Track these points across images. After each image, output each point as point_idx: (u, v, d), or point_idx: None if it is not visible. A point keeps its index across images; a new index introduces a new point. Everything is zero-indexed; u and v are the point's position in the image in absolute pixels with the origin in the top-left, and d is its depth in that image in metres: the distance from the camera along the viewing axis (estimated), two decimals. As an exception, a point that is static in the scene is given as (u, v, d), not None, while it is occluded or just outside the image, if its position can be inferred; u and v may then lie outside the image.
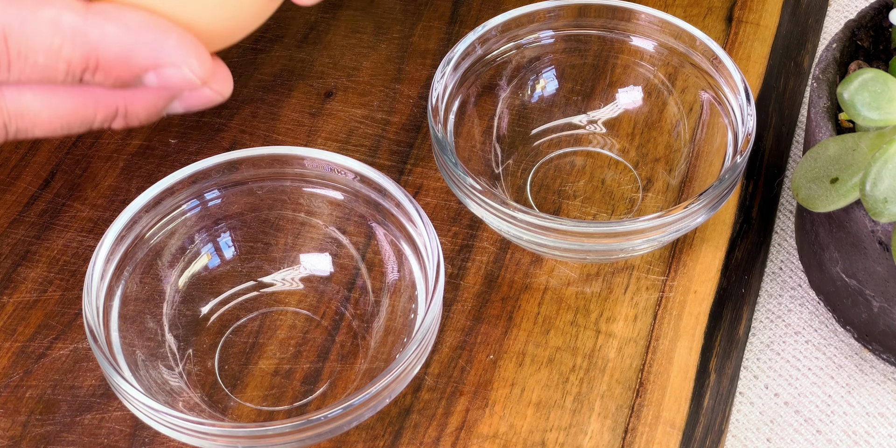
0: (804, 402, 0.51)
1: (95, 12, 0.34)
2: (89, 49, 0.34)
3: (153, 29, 0.34)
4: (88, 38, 0.34)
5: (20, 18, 0.33)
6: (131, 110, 0.37)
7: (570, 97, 0.55)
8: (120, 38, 0.34)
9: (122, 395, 0.43)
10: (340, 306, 0.49)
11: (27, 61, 0.34)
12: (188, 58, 0.35)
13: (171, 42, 0.35)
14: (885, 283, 0.46)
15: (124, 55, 0.34)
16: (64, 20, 0.34)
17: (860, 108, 0.43)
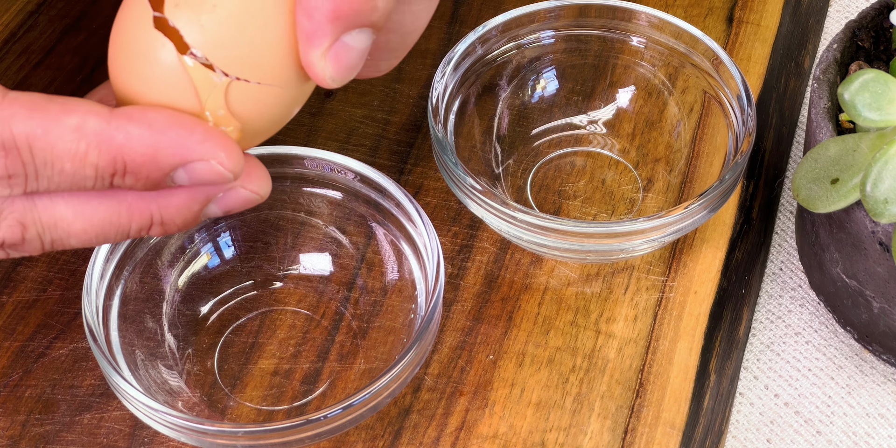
0: (804, 403, 0.51)
1: (119, 115, 0.34)
2: (115, 153, 0.34)
3: (178, 126, 0.34)
4: (113, 141, 0.34)
5: (44, 127, 0.33)
6: (167, 217, 0.36)
7: (570, 97, 0.55)
8: (144, 138, 0.34)
9: (121, 394, 0.43)
10: (340, 306, 0.49)
11: (54, 169, 0.34)
12: (216, 151, 0.35)
13: (196, 137, 0.35)
14: (886, 283, 0.46)
15: (151, 155, 0.34)
16: (88, 126, 0.34)
17: (861, 108, 0.43)
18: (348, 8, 0.35)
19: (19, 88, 0.56)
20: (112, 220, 0.36)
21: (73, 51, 0.58)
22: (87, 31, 0.59)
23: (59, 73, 0.57)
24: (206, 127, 0.35)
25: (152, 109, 0.35)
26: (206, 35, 0.35)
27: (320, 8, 0.35)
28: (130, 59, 0.35)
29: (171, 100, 0.35)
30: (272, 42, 0.36)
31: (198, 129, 0.35)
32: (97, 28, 0.59)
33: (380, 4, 0.36)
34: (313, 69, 0.36)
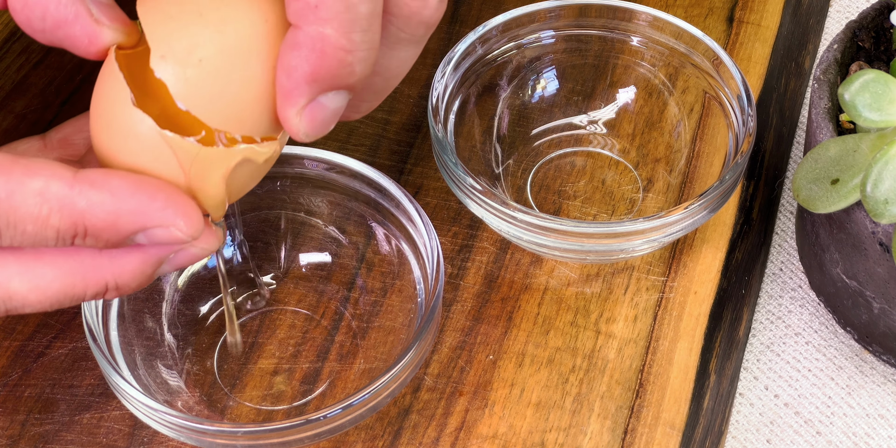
0: (804, 404, 0.51)
1: (82, 180, 0.35)
2: (77, 217, 0.35)
3: (139, 193, 0.35)
4: (75, 206, 0.35)
5: (8, 190, 0.34)
6: (121, 282, 0.37)
7: (570, 97, 0.55)
8: (105, 204, 0.35)
9: (120, 394, 0.43)
10: (340, 306, 0.49)
11: (17, 230, 0.35)
12: (175, 219, 0.36)
13: (157, 205, 0.35)
14: (886, 284, 0.46)
15: (111, 221, 0.35)
16: (51, 190, 0.34)
17: (861, 109, 0.43)
18: (326, 71, 0.36)
19: (19, 88, 0.57)
20: (66, 291, 0.37)
21: (73, 50, 0.58)
22: (86, 30, 0.59)
23: (58, 73, 0.57)
24: (168, 193, 0.36)
25: (116, 175, 0.35)
26: (191, 88, 0.36)
27: (299, 68, 0.36)
28: (112, 134, 0.36)
29: (152, 169, 0.36)
30: (254, 96, 0.37)
31: (160, 196, 0.35)
32: None
33: (357, 69, 0.37)
34: (288, 125, 0.37)
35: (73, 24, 0.36)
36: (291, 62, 0.36)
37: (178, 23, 0.36)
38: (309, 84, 0.36)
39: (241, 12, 0.37)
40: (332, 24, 0.35)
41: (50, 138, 0.40)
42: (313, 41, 0.35)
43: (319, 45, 0.36)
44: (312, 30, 0.35)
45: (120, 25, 0.37)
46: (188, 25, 0.36)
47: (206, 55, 0.36)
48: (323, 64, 0.36)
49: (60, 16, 0.36)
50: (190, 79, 0.36)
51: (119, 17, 0.37)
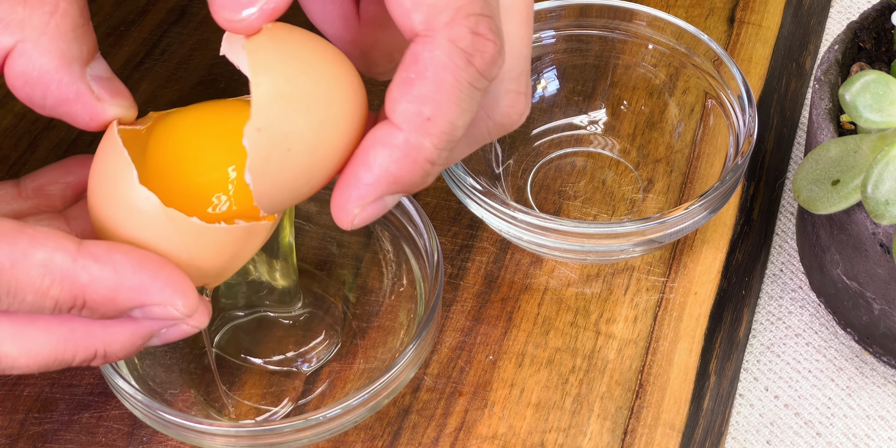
0: (804, 405, 0.51)
1: (86, 253, 0.35)
2: (77, 291, 0.35)
3: (142, 270, 0.36)
4: (77, 280, 0.35)
5: (12, 259, 0.35)
6: (110, 351, 0.38)
7: (571, 97, 0.55)
8: (107, 280, 0.35)
9: (119, 393, 0.42)
10: (341, 305, 0.49)
11: (16, 298, 0.35)
12: (173, 298, 0.36)
13: (157, 284, 0.36)
14: (886, 285, 0.46)
15: (110, 297, 0.35)
16: (55, 262, 0.35)
17: (862, 109, 0.43)
18: (408, 177, 0.36)
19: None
20: (57, 356, 0.37)
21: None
22: (87, 29, 0.59)
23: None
24: (169, 272, 0.36)
25: (119, 250, 0.36)
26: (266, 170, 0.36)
27: (385, 169, 0.36)
28: (113, 208, 0.37)
29: (153, 244, 0.36)
30: (310, 189, 0.37)
31: (161, 275, 0.36)
32: (97, 26, 0.59)
33: (431, 179, 0.37)
34: (344, 214, 0.37)
35: (75, 102, 0.37)
36: (378, 160, 0.36)
37: (287, 107, 0.36)
38: (387, 185, 0.36)
39: (343, 113, 0.37)
40: (434, 139, 0.36)
41: (24, 186, 0.40)
42: (410, 149, 0.36)
43: (414, 154, 0.36)
44: (414, 138, 0.36)
45: (121, 100, 0.38)
46: (294, 115, 0.36)
47: (295, 149, 0.36)
48: (409, 171, 0.36)
49: (62, 95, 0.36)
50: (271, 162, 0.36)
51: (120, 92, 0.38)
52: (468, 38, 0.36)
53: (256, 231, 0.37)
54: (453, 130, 0.36)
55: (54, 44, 0.35)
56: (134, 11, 0.60)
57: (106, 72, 0.37)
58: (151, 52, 0.58)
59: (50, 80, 0.36)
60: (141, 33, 0.59)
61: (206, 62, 0.58)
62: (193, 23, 0.60)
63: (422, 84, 0.35)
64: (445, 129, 0.36)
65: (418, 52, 0.36)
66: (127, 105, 0.38)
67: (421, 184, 0.37)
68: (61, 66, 0.36)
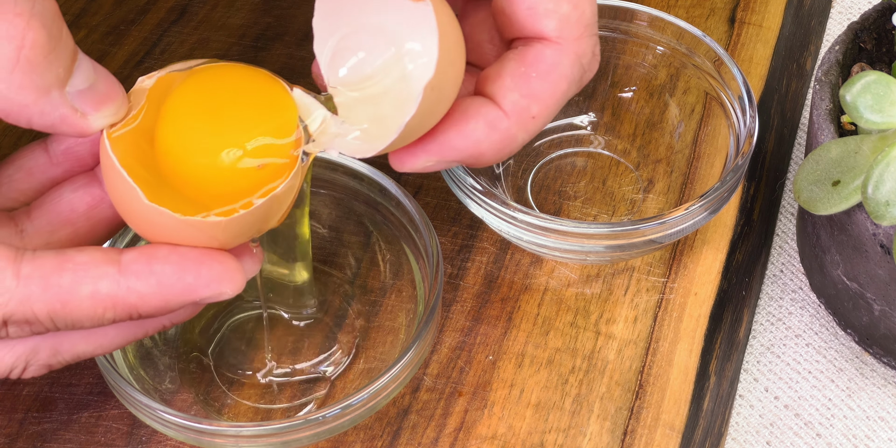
0: (804, 406, 0.51)
1: (128, 274, 0.37)
2: (130, 310, 0.37)
3: (184, 274, 0.37)
4: (127, 301, 0.37)
5: (62, 301, 0.36)
6: (176, 320, 0.40)
7: (571, 97, 0.55)
8: (155, 296, 0.37)
9: (119, 393, 0.42)
10: (341, 304, 0.49)
11: (77, 326, 0.37)
12: (221, 288, 0.37)
13: (202, 282, 0.37)
14: (887, 286, 0.46)
15: (162, 305, 0.37)
16: (101, 292, 0.36)
17: (862, 110, 0.43)
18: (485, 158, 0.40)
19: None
20: (128, 339, 0.40)
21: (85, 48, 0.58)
22: (86, 28, 0.59)
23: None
24: (210, 265, 0.37)
25: (158, 259, 0.37)
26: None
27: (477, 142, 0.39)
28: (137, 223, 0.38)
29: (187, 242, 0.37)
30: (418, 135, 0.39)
31: (203, 272, 0.37)
32: (97, 25, 0.59)
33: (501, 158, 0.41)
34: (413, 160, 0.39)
35: (60, 125, 0.37)
36: (477, 134, 0.39)
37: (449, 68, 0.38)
38: (468, 156, 0.39)
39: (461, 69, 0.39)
40: (527, 134, 0.40)
41: (54, 151, 0.41)
42: (506, 136, 0.39)
43: (508, 141, 0.39)
44: (515, 129, 0.39)
45: (107, 107, 0.38)
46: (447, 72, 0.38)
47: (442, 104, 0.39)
48: (494, 153, 0.39)
49: (45, 122, 0.37)
50: (426, 116, 0.38)
51: (106, 97, 0.38)
52: (588, 57, 0.40)
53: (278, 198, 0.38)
54: (541, 127, 0.40)
55: (27, 78, 0.35)
56: (134, 10, 0.60)
57: (87, 80, 0.37)
58: (151, 52, 0.58)
59: (31, 113, 0.36)
60: (141, 32, 0.59)
61: (207, 61, 0.58)
62: (194, 22, 0.60)
63: (540, 85, 0.39)
64: (539, 128, 0.40)
65: (546, 56, 0.39)
66: (115, 108, 0.38)
67: (489, 161, 0.40)
68: (39, 97, 0.36)
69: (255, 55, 0.58)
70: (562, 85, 0.40)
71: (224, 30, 0.59)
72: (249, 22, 0.60)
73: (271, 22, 0.60)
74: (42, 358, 0.39)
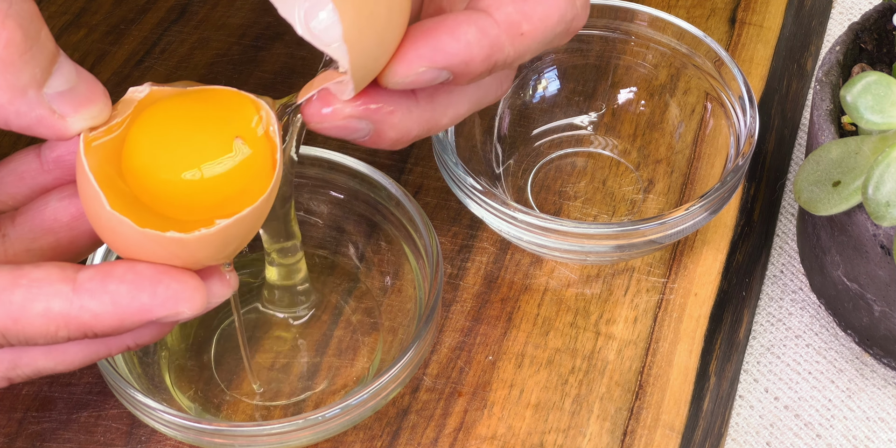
0: (804, 406, 0.51)
1: (81, 292, 0.36)
2: (84, 328, 0.36)
3: (140, 293, 0.36)
4: (80, 320, 0.36)
5: (13, 317, 0.36)
6: (142, 342, 0.39)
7: (571, 98, 0.55)
8: (108, 315, 0.36)
9: (118, 392, 0.42)
10: (340, 301, 0.49)
11: (30, 342, 0.36)
12: (177, 308, 0.36)
13: (157, 301, 0.36)
14: (887, 287, 0.46)
15: (117, 325, 0.36)
16: (54, 310, 0.36)
17: (863, 111, 0.43)
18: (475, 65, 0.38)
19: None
20: (91, 357, 0.39)
21: (73, 47, 0.58)
22: (86, 27, 0.59)
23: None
24: (167, 284, 0.36)
25: (113, 278, 0.36)
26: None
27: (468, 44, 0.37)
28: (101, 230, 0.37)
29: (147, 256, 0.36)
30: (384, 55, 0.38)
31: (159, 291, 0.36)
32: (97, 24, 0.59)
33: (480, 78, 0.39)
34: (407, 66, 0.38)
35: (37, 127, 0.36)
36: (468, 36, 0.37)
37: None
38: (460, 60, 0.37)
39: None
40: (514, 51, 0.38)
41: (45, 157, 0.40)
42: (495, 44, 0.38)
43: (495, 50, 0.38)
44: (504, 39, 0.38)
45: (87, 110, 0.37)
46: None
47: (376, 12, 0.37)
48: (482, 59, 0.38)
49: (23, 123, 0.36)
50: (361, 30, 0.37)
51: (87, 99, 0.37)
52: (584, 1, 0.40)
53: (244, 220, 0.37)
54: (529, 52, 0.39)
55: (2, 78, 0.35)
56: (134, 10, 0.60)
57: (67, 82, 0.36)
58: (151, 51, 0.58)
59: (8, 113, 0.36)
60: (141, 32, 0.59)
61: (207, 61, 0.58)
62: (194, 21, 0.60)
63: (534, 6, 0.39)
64: (524, 50, 0.39)
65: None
66: (95, 111, 0.37)
67: (476, 76, 0.39)
68: (15, 97, 0.35)
69: (255, 55, 0.58)
70: (554, 13, 0.39)
71: (224, 29, 0.59)
72: (249, 21, 0.60)
73: (271, 21, 0.60)
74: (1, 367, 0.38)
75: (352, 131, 0.39)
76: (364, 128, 0.39)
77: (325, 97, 0.38)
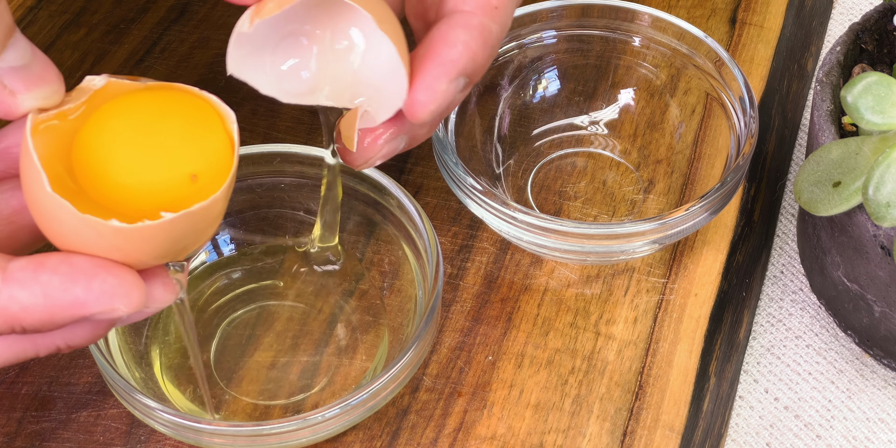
0: (804, 407, 0.51)
1: (11, 281, 0.34)
2: (12, 320, 0.34)
3: (73, 286, 0.34)
4: (8, 311, 0.34)
5: None
6: (73, 344, 0.37)
7: (571, 98, 0.55)
8: (38, 307, 0.34)
9: (117, 392, 0.42)
10: (340, 301, 0.49)
11: None
12: (113, 304, 0.34)
13: (92, 295, 0.34)
14: (887, 288, 0.46)
15: (46, 319, 0.34)
16: None
17: (863, 111, 0.43)
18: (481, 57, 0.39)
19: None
20: (18, 356, 0.37)
21: (73, 46, 0.58)
22: (86, 26, 0.59)
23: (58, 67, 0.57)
24: (103, 279, 0.34)
25: (46, 268, 0.34)
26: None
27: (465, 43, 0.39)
28: (39, 216, 0.36)
29: (85, 247, 0.35)
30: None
31: (94, 285, 0.34)
32: (97, 24, 0.59)
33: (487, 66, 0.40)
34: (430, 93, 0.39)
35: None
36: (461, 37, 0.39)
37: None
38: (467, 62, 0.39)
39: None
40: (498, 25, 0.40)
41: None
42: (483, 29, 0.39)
43: (486, 34, 0.39)
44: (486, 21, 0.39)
45: (40, 89, 0.36)
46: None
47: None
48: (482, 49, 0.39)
49: None
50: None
51: (40, 78, 0.36)
52: None
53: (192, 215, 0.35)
54: (510, 18, 0.40)
55: None
56: (134, 9, 0.60)
57: (22, 58, 0.35)
58: (151, 51, 0.58)
59: None
60: (141, 31, 0.59)
61: (207, 60, 0.58)
62: (194, 21, 0.60)
63: None
64: (506, 19, 0.40)
65: None
66: (48, 92, 0.36)
67: (485, 66, 0.40)
68: None
69: (256, 54, 0.58)
70: None
71: (224, 28, 0.59)
72: (250, 21, 0.59)
73: (272, 21, 0.60)
74: None
75: (394, 150, 0.40)
76: (402, 141, 0.40)
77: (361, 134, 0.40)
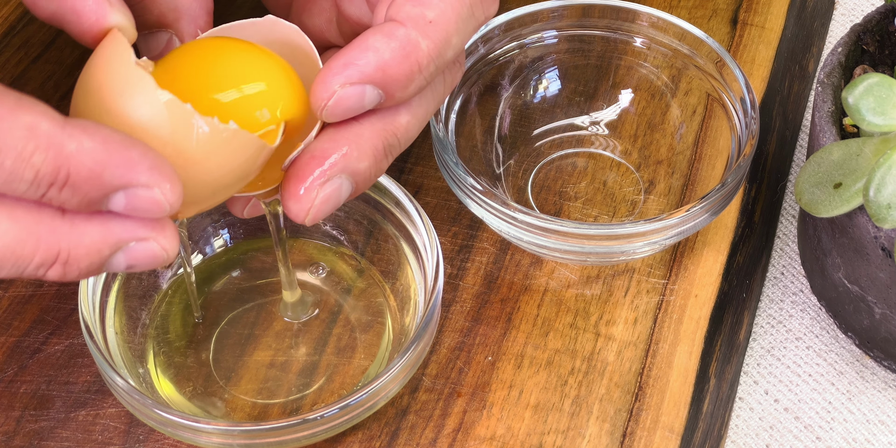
0: (804, 409, 0.51)
1: (74, 124, 0.33)
2: (62, 161, 0.32)
3: (131, 148, 0.33)
4: (63, 148, 0.32)
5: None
6: (73, 256, 0.35)
7: (572, 98, 0.55)
8: (96, 153, 0.33)
9: (116, 391, 0.42)
10: (339, 300, 0.49)
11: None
12: (162, 181, 0.34)
13: (146, 163, 0.33)
14: (888, 289, 0.46)
15: (97, 172, 0.33)
16: (41, 127, 0.32)
17: (865, 112, 0.43)
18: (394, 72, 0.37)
19: (18, 82, 0.56)
20: (15, 247, 0.34)
21: (73, 44, 0.58)
22: (87, 25, 0.59)
23: (58, 67, 0.57)
24: (157, 156, 0.34)
25: (107, 127, 0.33)
26: None
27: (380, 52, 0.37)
28: (105, 97, 0.35)
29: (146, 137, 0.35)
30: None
31: (149, 156, 0.33)
32: (98, 22, 0.59)
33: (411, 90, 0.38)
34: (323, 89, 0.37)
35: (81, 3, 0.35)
36: (377, 44, 0.37)
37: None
38: (375, 72, 0.37)
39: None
40: (430, 43, 0.37)
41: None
42: (408, 42, 0.37)
43: (410, 48, 0.37)
44: (413, 34, 0.37)
45: (126, 10, 0.36)
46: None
47: None
48: (399, 64, 0.37)
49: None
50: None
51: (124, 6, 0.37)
52: None
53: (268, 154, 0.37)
54: (448, 41, 0.38)
55: None
56: (135, 8, 0.60)
57: None
58: (152, 49, 0.58)
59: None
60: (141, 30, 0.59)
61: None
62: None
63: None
64: (442, 36, 0.38)
65: None
66: (130, 19, 0.36)
67: (402, 89, 0.37)
68: None
69: (256, 53, 0.58)
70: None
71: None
72: (250, 20, 0.59)
73: (272, 20, 0.59)
74: None
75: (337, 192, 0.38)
76: (347, 183, 0.38)
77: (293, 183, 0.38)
